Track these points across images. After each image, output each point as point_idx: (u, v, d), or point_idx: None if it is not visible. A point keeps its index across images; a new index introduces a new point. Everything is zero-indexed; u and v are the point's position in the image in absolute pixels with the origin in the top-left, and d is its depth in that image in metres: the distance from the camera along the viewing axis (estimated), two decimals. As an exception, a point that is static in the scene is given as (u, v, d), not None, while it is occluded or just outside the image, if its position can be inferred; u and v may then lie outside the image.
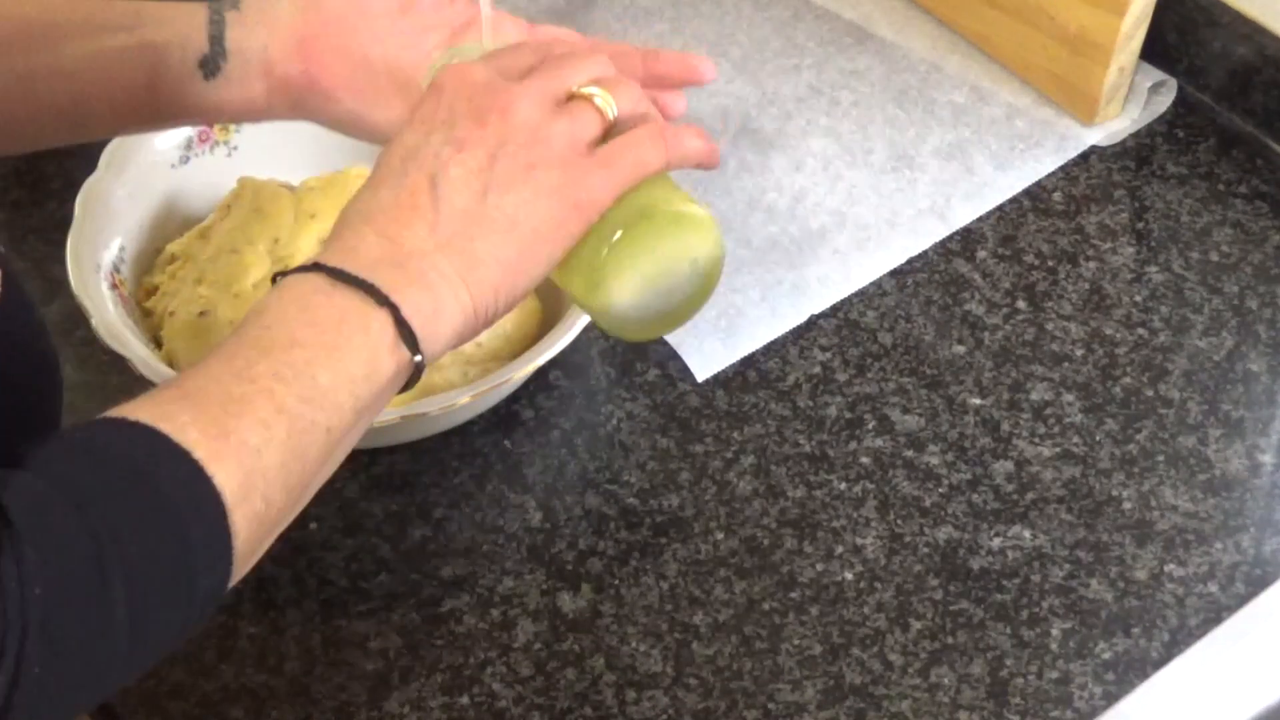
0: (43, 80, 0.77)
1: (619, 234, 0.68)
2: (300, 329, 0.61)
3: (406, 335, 0.63)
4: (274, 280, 0.65)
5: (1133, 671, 0.79)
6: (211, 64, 0.78)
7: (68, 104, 0.78)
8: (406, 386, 0.65)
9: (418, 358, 0.64)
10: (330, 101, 0.79)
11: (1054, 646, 0.80)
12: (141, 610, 0.54)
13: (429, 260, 0.64)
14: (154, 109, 0.79)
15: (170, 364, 0.86)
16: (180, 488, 0.56)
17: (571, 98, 0.69)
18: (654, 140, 0.69)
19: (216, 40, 0.78)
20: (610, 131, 0.69)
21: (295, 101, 0.80)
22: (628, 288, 0.70)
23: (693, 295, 0.72)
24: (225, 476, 0.57)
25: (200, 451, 0.56)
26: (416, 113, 0.69)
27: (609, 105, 0.69)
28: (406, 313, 0.63)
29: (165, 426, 0.57)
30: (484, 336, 0.87)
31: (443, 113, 0.67)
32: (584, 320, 0.85)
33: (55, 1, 0.80)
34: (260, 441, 0.58)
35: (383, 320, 0.62)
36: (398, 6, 0.80)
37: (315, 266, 0.63)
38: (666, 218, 0.69)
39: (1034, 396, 0.90)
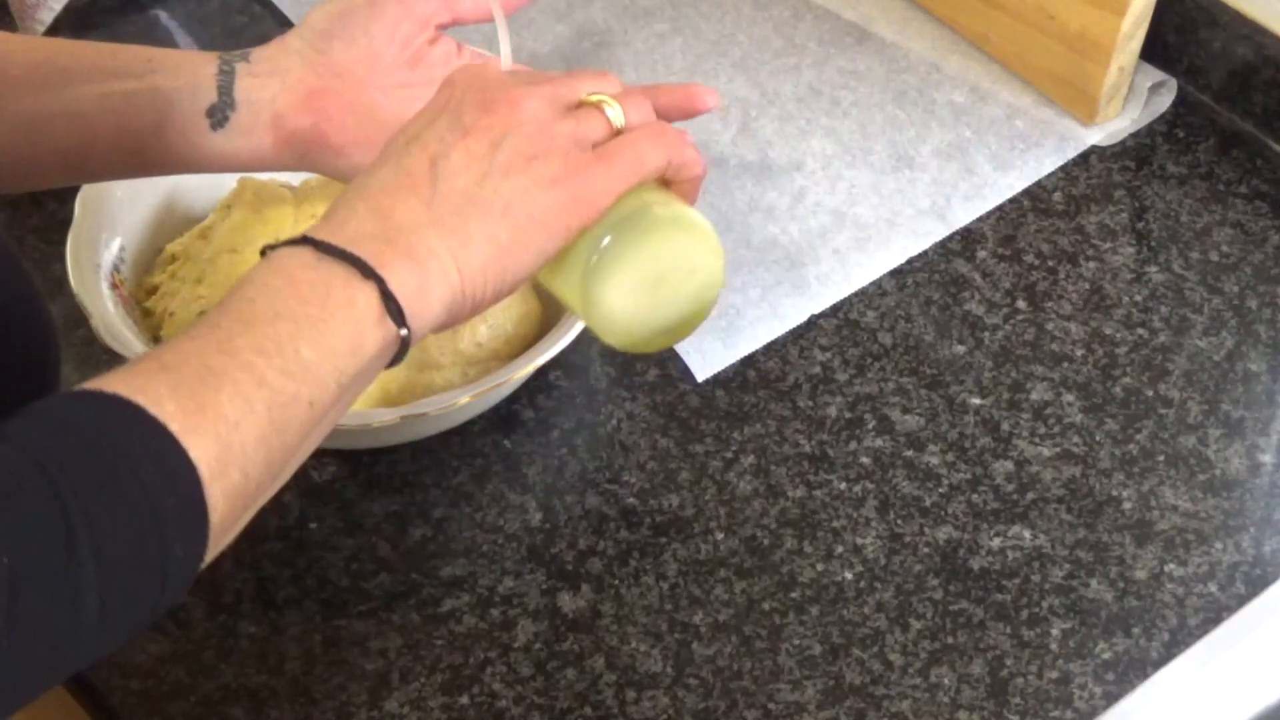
0: (49, 122, 0.77)
1: (610, 236, 0.68)
2: (283, 302, 0.61)
3: (393, 309, 0.62)
4: (262, 254, 0.64)
5: (1133, 671, 0.79)
6: (219, 114, 0.78)
7: (73, 147, 0.78)
8: (393, 362, 0.65)
9: (404, 331, 0.63)
10: (338, 155, 0.80)
11: (1054, 646, 0.80)
12: (111, 583, 0.54)
13: (419, 235, 0.64)
14: (159, 156, 0.79)
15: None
16: (154, 460, 0.55)
17: (581, 104, 0.69)
18: (655, 140, 0.69)
19: (225, 90, 0.78)
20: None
21: (303, 154, 0.80)
22: (620, 292, 0.69)
23: (692, 307, 0.71)
24: (201, 450, 0.56)
25: (176, 424, 0.56)
26: (427, 104, 0.69)
27: (617, 114, 0.69)
28: (393, 286, 0.62)
29: (141, 398, 0.56)
30: (484, 336, 0.87)
31: (452, 102, 0.68)
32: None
33: (66, 46, 0.80)
34: (239, 415, 0.57)
35: (368, 293, 0.62)
36: (407, 59, 0.80)
37: (302, 240, 0.63)
38: (659, 220, 0.69)
39: (1034, 396, 0.90)
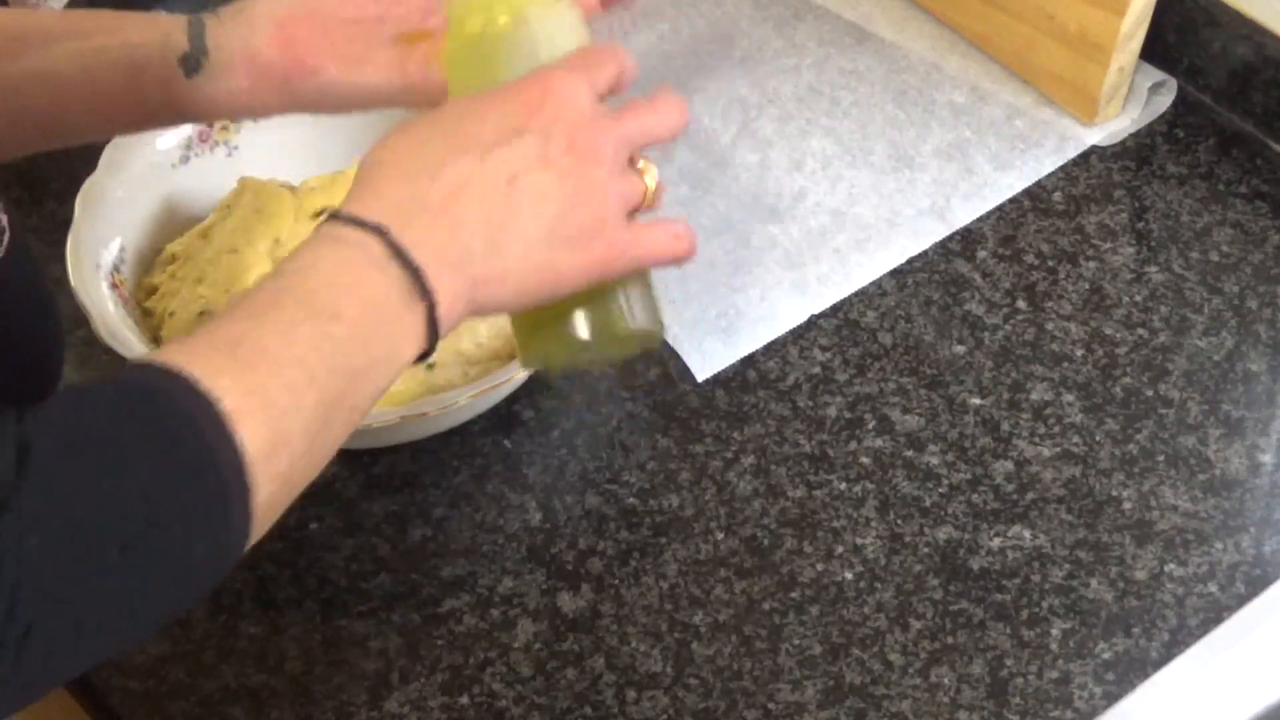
0: (23, 87, 0.77)
1: (586, 330, 0.69)
2: (346, 301, 0.61)
3: (430, 331, 0.63)
4: (333, 217, 0.63)
5: (1133, 671, 0.79)
6: (193, 61, 0.78)
7: (48, 108, 0.78)
8: None
9: (429, 359, 0.64)
10: (317, 76, 0.79)
11: (1054, 646, 0.80)
12: (143, 559, 0.54)
13: (473, 267, 0.64)
14: (137, 111, 0.79)
15: (170, 364, 0.86)
16: (200, 437, 0.55)
17: (631, 162, 0.70)
18: (681, 237, 0.70)
19: (196, 39, 0.78)
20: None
21: (281, 85, 0.79)
22: (560, 361, 0.73)
23: (591, 363, 0.75)
24: (251, 431, 0.56)
25: (229, 402, 0.56)
26: (511, 93, 0.68)
27: (653, 181, 0.70)
28: (438, 311, 0.63)
29: (198, 370, 0.56)
30: (484, 336, 0.87)
31: (541, 119, 0.67)
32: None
33: (40, 15, 0.81)
34: (289, 404, 0.58)
35: (417, 313, 0.63)
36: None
37: (376, 229, 0.62)
38: (633, 338, 0.71)
39: (1034, 396, 0.90)
